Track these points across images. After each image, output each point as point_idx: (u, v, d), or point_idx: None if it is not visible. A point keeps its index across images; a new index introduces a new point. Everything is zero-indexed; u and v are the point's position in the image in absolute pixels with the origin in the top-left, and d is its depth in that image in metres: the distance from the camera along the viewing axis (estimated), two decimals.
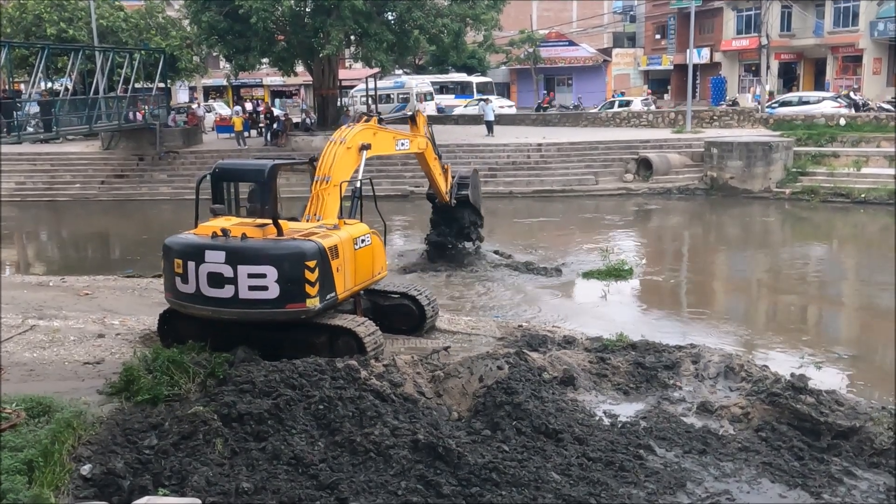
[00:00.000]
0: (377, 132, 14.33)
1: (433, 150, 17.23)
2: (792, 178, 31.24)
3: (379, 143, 14.36)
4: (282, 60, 38.31)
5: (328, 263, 10.95)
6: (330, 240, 11.22)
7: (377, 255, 12.36)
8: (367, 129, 13.96)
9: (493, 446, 8.67)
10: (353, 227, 12.07)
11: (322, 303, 10.97)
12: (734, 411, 10.07)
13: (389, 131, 15.16)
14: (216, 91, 68.61)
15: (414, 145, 16.30)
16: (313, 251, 10.79)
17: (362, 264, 11.91)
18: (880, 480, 8.62)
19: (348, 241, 11.57)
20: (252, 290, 10.67)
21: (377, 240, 12.37)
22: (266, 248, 10.88)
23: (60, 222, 32.13)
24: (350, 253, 11.52)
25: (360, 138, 13.49)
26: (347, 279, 11.50)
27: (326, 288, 11.00)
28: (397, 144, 15.42)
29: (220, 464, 8.13)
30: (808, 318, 17.59)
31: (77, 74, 35.42)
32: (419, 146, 16.56)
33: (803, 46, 50.26)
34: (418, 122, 16.83)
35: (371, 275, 12.29)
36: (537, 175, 33.63)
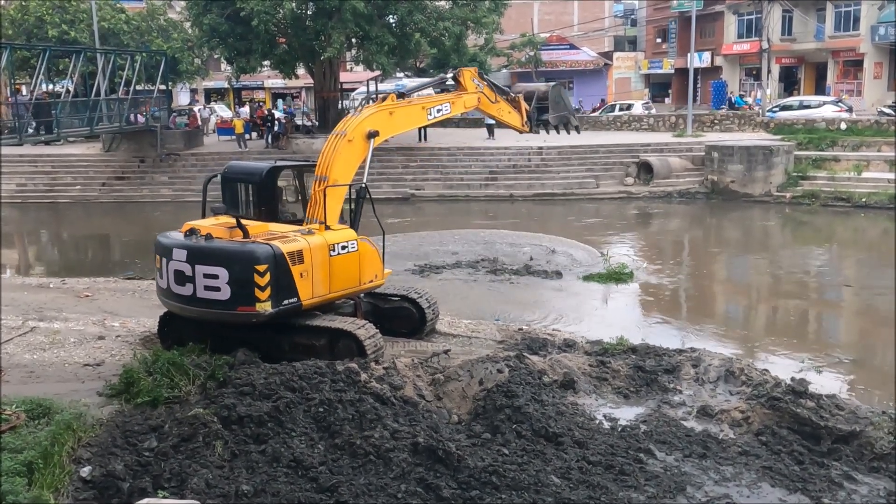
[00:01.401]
0: (395, 110, 12.88)
1: (493, 94, 14.98)
2: (793, 182, 31.27)
3: (400, 121, 13.16)
4: (283, 63, 38.40)
5: (286, 269, 10.76)
6: (292, 245, 10.95)
7: (367, 263, 11.90)
8: (378, 111, 12.65)
9: (493, 449, 8.66)
10: (334, 232, 11.57)
11: (276, 308, 10.79)
12: (734, 415, 10.06)
13: (415, 102, 13.57)
14: (217, 93, 68.68)
15: (458, 106, 14.56)
16: (265, 255, 10.62)
17: (342, 271, 11.50)
18: (881, 485, 8.61)
19: (320, 248, 11.20)
20: (207, 290, 10.75)
21: (368, 247, 11.91)
22: (221, 249, 10.89)
23: (61, 224, 32.14)
24: (322, 259, 11.19)
25: (366, 125, 12.29)
26: (318, 286, 11.20)
27: (283, 293, 10.81)
28: (431, 113, 13.74)
29: (220, 466, 8.12)
30: (809, 322, 17.58)
31: (78, 76, 35.47)
32: (468, 104, 14.79)
33: (804, 51, 50.30)
34: (464, 79, 14.63)
35: (357, 282, 11.83)
36: (538, 178, 33.66)
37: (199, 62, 46.65)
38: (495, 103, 15.00)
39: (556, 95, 16.33)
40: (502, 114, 15.23)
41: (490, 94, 14.76)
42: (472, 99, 14.58)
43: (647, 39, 66.23)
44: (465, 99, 14.50)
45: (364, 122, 12.25)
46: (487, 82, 14.89)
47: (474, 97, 14.55)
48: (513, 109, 15.29)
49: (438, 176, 34.54)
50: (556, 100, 16.30)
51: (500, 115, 15.23)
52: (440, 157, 35.69)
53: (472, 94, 14.48)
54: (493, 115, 15.28)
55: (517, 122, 15.48)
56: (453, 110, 14.34)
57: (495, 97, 14.92)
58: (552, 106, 15.98)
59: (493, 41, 48.57)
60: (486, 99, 14.76)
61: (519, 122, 15.51)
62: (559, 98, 16.45)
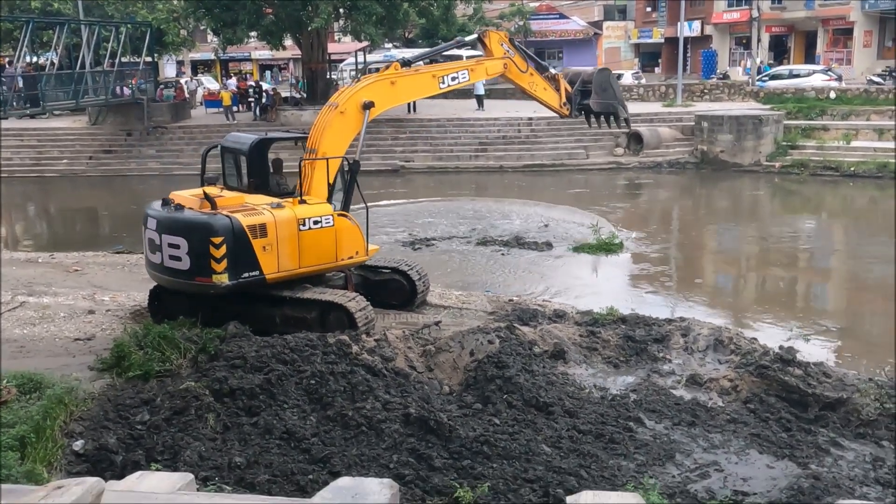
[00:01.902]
0: (397, 79, 12.26)
1: (523, 63, 13.67)
2: (782, 151, 31.29)
3: (404, 91, 12.63)
4: (270, 34, 37.99)
5: (245, 242, 10.76)
6: (254, 218, 10.89)
7: (346, 239, 11.67)
8: (376, 81, 12.09)
9: (484, 419, 8.72)
10: (306, 206, 11.36)
11: (234, 280, 10.83)
12: (723, 384, 10.15)
13: (423, 70, 12.91)
14: (204, 65, 68.01)
15: (479, 73, 13.50)
16: (222, 227, 10.66)
17: (315, 246, 11.34)
18: (866, 451, 8.73)
19: (287, 222, 11.06)
20: (171, 259, 11.01)
21: (346, 223, 11.68)
22: (182, 220, 11.02)
23: (48, 198, 31.92)
24: (290, 233, 11.07)
25: (361, 96, 11.78)
26: (285, 260, 11.13)
27: (243, 266, 10.83)
28: (443, 81, 12.83)
29: (213, 439, 8.16)
30: (797, 291, 17.70)
31: (63, 48, 35.02)
32: (491, 71, 13.54)
33: (794, 19, 50.10)
34: (490, 42, 13.43)
35: (334, 258, 11.63)
36: (528, 149, 33.57)
37: (185, 33, 46.05)
38: (527, 74, 13.60)
39: (603, 80, 14.67)
40: (536, 89, 13.89)
41: (520, 63, 13.42)
42: (497, 65, 13.33)
43: (637, 8, 65.78)
44: (488, 65, 13.35)
45: (359, 92, 11.79)
46: (519, 50, 13.68)
47: (499, 63, 13.30)
48: (549, 86, 13.94)
49: (428, 147, 34.40)
50: (603, 85, 14.59)
51: (534, 90, 13.90)
52: (429, 129, 35.51)
53: (497, 59, 13.30)
54: (525, 88, 13.90)
55: (554, 100, 14.08)
56: (472, 78, 13.37)
57: (527, 67, 13.56)
58: (597, 91, 14.43)
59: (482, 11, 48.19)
60: (515, 67, 13.39)
61: (556, 102, 14.12)
62: (606, 84, 14.70)
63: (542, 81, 13.92)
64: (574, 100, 14.29)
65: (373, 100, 11.76)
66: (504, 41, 13.52)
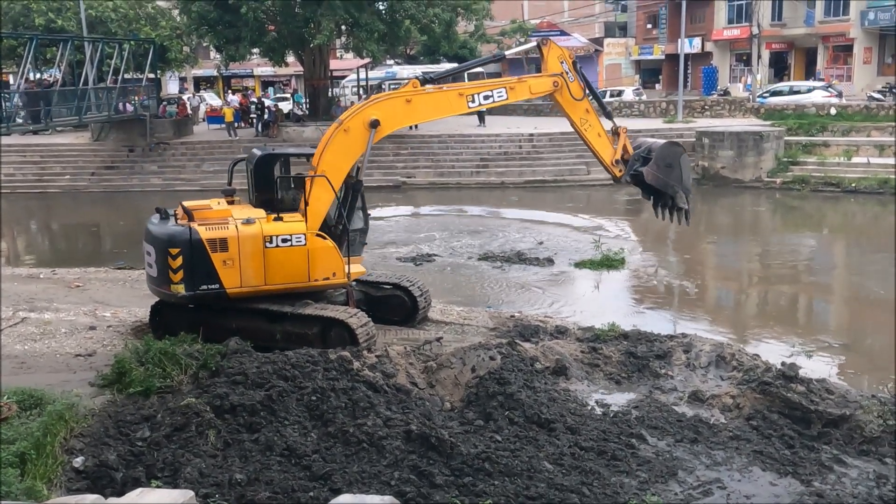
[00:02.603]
0: (414, 97, 11.57)
1: (579, 90, 12.10)
2: (783, 167, 31.33)
3: (422, 110, 11.84)
4: (272, 51, 38.18)
5: (204, 254, 10.92)
6: (215, 232, 10.97)
7: (322, 259, 11.35)
8: (388, 99, 11.69)
9: (486, 436, 8.69)
10: (277, 224, 11.26)
11: (190, 292, 11.05)
12: (725, 400, 10.12)
13: (452, 88, 12.02)
14: (206, 81, 68.31)
15: (521, 91, 12.08)
16: (179, 240, 10.93)
17: (284, 265, 11.17)
18: (870, 468, 8.68)
19: (251, 238, 11.01)
20: (148, 266, 11.56)
21: (322, 243, 11.34)
22: (152, 230, 11.41)
23: (51, 214, 31.98)
24: (253, 249, 11.04)
25: (368, 114, 11.36)
26: (248, 276, 11.10)
27: (201, 279, 11.01)
28: (474, 100, 11.83)
29: (213, 455, 8.13)
30: (799, 306, 17.66)
31: (66, 65, 35.19)
32: (536, 89, 12.11)
33: (794, 36, 50.28)
34: (548, 54, 12.08)
35: (306, 278, 11.34)
36: (529, 165, 33.63)
37: (188, 50, 46.34)
38: (581, 104, 12.10)
39: (670, 155, 12.48)
40: (588, 129, 12.19)
41: (575, 90, 12.02)
42: (544, 83, 12.03)
43: (638, 25, 66.05)
44: (533, 83, 12.06)
45: (367, 110, 11.47)
46: (581, 77, 12.22)
47: (548, 81, 12.00)
48: (605, 134, 12.36)
49: (429, 163, 34.47)
50: (668, 160, 12.42)
51: (585, 130, 12.19)
52: (431, 145, 35.60)
53: (545, 77, 12.04)
54: (575, 123, 12.23)
55: (607, 152, 12.37)
56: (511, 96, 12.07)
57: (582, 96, 12.09)
58: (658, 163, 12.29)
59: (484, 28, 48.39)
60: (568, 91, 11.96)
61: (609, 155, 12.36)
62: (673, 160, 12.46)
63: (598, 124, 12.29)
64: (631, 164, 12.40)
65: (381, 118, 11.33)
66: (566, 59, 12.14)
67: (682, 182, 12.55)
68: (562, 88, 12.05)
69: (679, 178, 12.51)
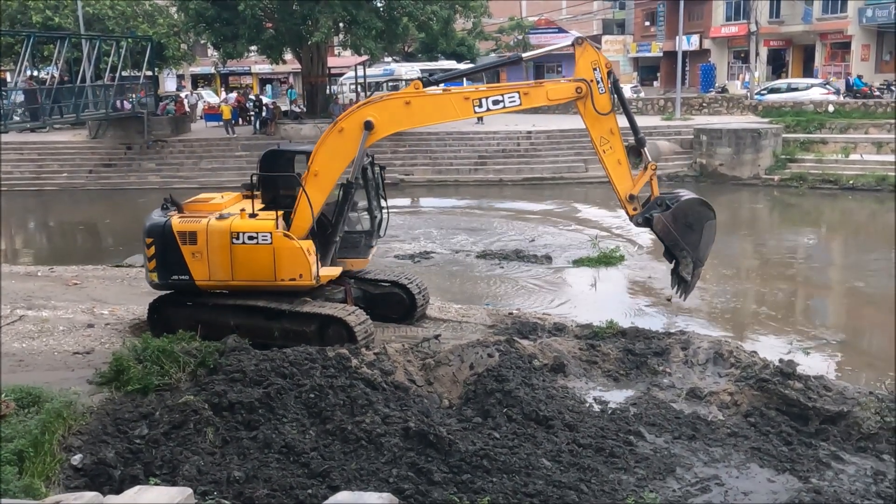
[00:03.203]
0: (414, 99, 11.03)
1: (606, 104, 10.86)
2: (781, 164, 31.35)
3: (423, 113, 11.24)
4: (270, 48, 38.11)
5: (174, 246, 11.25)
6: (186, 224, 11.25)
7: (286, 260, 11.16)
8: (385, 100, 11.21)
9: (484, 433, 8.70)
10: (245, 220, 11.24)
11: (163, 280, 11.55)
12: (723, 397, 10.13)
13: (458, 91, 11.26)
14: (204, 79, 68.22)
15: (536, 97, 10.96)
16: (152, 230, 11.41)
17: (249, 262, 11.17)
18: (867, 464, 8.70)
19: (219, 232, 11.09)
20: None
21: (288, 244, 11.13)
22: (145, 221, 11.85)
23: (48, 212, 31.93)
24: (221, 244, 11.13)
25: (363, 115, 11.04)
26: (216, 270, 11.23)
27: (172, 269, 11.37)
28: (481, 104, 10.91)
29: (212, 453, 8.14)
30: (797, 303, 17.68)
31: (63, 63, 35.11)
32: (554, 95, 11.01)
33: (792, 33, 50.30)
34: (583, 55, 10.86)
35: (272, 278, 11.23)
36: (527, 163, 33.62)
37: (186, 48, 46.23)
38: (606, 119, 10.80)
39: (696, 217, 10.91)
40: (608, 152, 10.92)
41: (602, 103, 10.76)
42: (564, 89, 10.91)
43: (636, 22, 66.06)
44: (551, 88, 10.99)
45: (363, 110, 11.18)
46: (615, 91, 10.98)
47: (570, 87, 10.83)
48: (625, 161, 11.02)
49: (427, 161, 34.46)
50: (689, 219, 10.88)
51: (605, 152, 10.94)
52: (429, 143, 35.58)
53: (567, 82, 10.93)
54: (595, 142, 11.03)
55: (624, 184, 11.06)
56: (525, 102, 10.92)
57: (610, 110, 10.82)
58: (677, 216, 10.87)
59: (481, 25, 48.35)
60: (592, 103, 10.71)
61: (626, 188, 11.08)
62: (697, 224, 10.89)
63: (621, 150, 10.96)
64: (650, 206, 11.07)
65: (376, 120, 10.97)
66: (600, 66, 10.80)
67: (697, 250, 10.94)
68: (586, 97, 10.80)
69: (695, 244, 10.90)
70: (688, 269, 11.00)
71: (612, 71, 11.02)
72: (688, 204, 10.91)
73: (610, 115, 10.88)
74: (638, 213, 11.17)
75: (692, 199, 11.07)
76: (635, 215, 11.19)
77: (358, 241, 12.30)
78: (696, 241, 10.87)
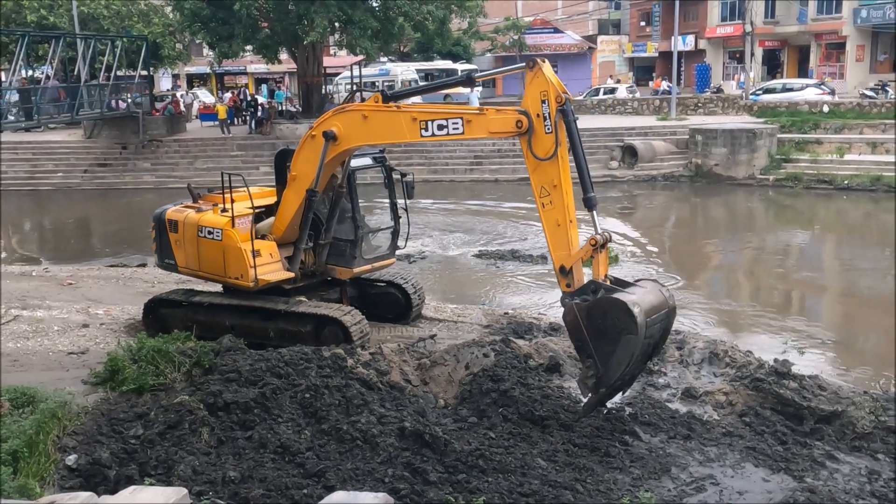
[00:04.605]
0: (371, 114, 10.33)
1: (549, 145, 8.98)
2: (776, 164, 31.42)
3: (377, 130, 10.38)
4: (266, 48, 38.09)
5: (165, 232, 12.25)
6: (173, 213, 12.22)
7: (231, 259, 11.35)
8: (348, 112, 10.63)
9: (480, 433, 8.70)
10: (211, 216, 11.75)
11: (160, 262, 12.77)
12: (718, 397, 10.14)
13: (407, 109, 10.10)
14: (199, 79, 68.10)
15: (477, 128, 9.55)
16: (155, 217, 12.47)
17: (208, 255, 11.66)
18: (862, 464, 8.72)
19: (191, 224, 11.87)
20: None
21: (232, 244, 11.28)
22: None
23: (43, 211, 31.86)
24: (191, 235, 11.87)
25: (329, 123, 10.71)
26: (189, 259, 12.03)
27: (164, 253, 12.43)
28: (427, 128, 9.83)
29: (207, 453, 8.13)
30: (792, 303, 17.72)
31: (58, 62, 35.02)
32: (495, 127, 9.45)
33: (787, 33, 50.42)
34: (533, 80, 8.95)
35: (223, 273, 11.55)
36: (522, 162, 33.46)
37: (181, 47, 46.17)
38: (548, 165, 9.00)
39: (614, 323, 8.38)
40: (547, 210, 9.06)
41: (542, 144, 8.92)
42: (504, 122, 9.26)
43: (631, 23, 66.18)
44: (493, 119, 9.37)
45: (329, 120, 10.81)
46: (568, 124, 8.93)
47: (510, 120, 9.13)
48: (566, 224, 8.95)
49: (423, 161, 34.44)
50: (607, 328, 8.45)
51: (542, 206, 9.14)
52: (424, 142, 35.54)
53: (508, 114, 9.27)
54: (534, 189, 9.31)
55: (559, 252, 8.99)
56: (468, 131, 9.64)
57: (551, 154, 8.92)
58: (592, 316, 8.58)
59: (477, 25, 48.33)
60: (529, 143, 9.00)
61: (560, 257, 8.97)
62: (614, 333, 8.40)
63: (562, 209, 8.96)
64: (581, 289, 8.86)
65: (339, 131, 10.57)
66: (550, 98, 8.83)
67: (607, 365, 8.50)
68: (525, 133, 9.00)
69: (605, 357, 8.49)
70: (589, 381, 8.73)
71: (568, 105, 8.93)
72: (609, 304, 8.47)
73: (552, 162, 8.93)
74: (568, 293, 8.87)
75: (618, 301, 8.41)
76: (563, 295, 9.00)
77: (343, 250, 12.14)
78: (608, 353, 8.45)
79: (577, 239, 8.59)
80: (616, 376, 8.66)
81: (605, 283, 8.83)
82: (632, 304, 8.34)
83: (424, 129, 9.89)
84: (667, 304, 8.90)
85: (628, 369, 8.69)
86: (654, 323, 8.58)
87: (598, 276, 8.86)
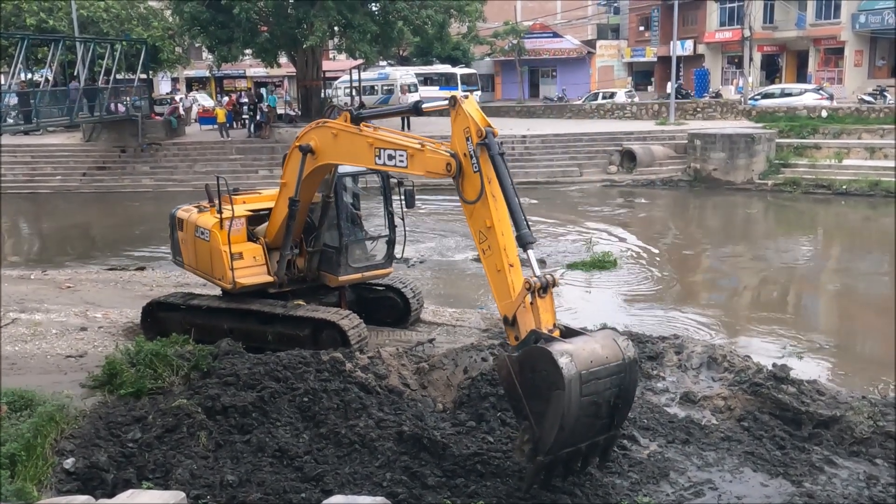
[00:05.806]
0: (340, 132, 9.97)
1: (472, 189, 8.19)
2: (774, 169, 31.47)
3: (343, 150, 10.06)
4: (265, 51, 38.13)
5: (175, 230, 12.88)
6: (182, 212, 12.72)
7: (216, 260, 11.62)
8: (322, 127, 10.40)
9: (478, 437, 8.69)
10: (206, 216, 12.00)
11: (173, 258, 13.43)
12: (717, 401, 10.13)
13: (365, 134, 9.61)
14: (199, 82, 68.15)
15: (417, 164, 8.88)
16: (171, 216, 13.06)
17: (201, 254, 12.12)
18: (860, 468, 8.71)
19: (190, 223, 12.32)
20: None
21: (217, 246, 11.50)
22: None
23: (42, 215, 31.84)
24: (190, 234, 12.31)
25: (308, 138, 10.57)
26: (190, 256, 12.51)
27: (176, 250, 13.08)
28: (378, 156, 9.41)
29: (205, 457, 8.11)
30: (790, 308, 17.72)
31: (57, 65, 35.04)
32: (430, 166, 8.65)
33: (786, 38, 50.51)
34: (457, 116, 8.33)
35: (210, 271, 11.91)
36: (521, 167, 33.63)
37: (180, 51, 46.21)
38: (476, 208, 8.12)
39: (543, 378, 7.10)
40: (487, 255, 8.24)
41: (469, 186, 8.18)
42: (437, 163, 8.50)
43: (630, 28, 66.24)
44: (429, 159, 8.66)
45: (308, 133, 10.68)
46: (493, 156, 8.14)
47: (440, 161, 8.42)
48: (507, 269, 8.03)
49: None
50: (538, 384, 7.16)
51: (483, 253, 8.33)
52: None
53: (440, 155, 8.50)
54: (472, 233, 8.40)
55: (502, 299, 8.07)
56: (410, 166, 9.02)
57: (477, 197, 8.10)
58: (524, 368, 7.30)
59: (476, 29, 48.39)
60: (460, 185, 8.27)
61: (503, 307, 8.02)
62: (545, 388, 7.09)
63: (500, 254, 8.08)
64: (526, 339, 7.57)
65: (315, 146, 10.44)
66: (472, 134, 8.16)
67: (542, 426, 7.15)
68: (467, 179, 8.19)
69: (539, 416, 7.16)
70: (525, 446, 7.38)
71: (491, 138, 8.14)
72: (538, 354, 7.20)
73: (483, 202, 8.08)
74: (516, 346, 7.78)
75: (544, 350, 7.13)
76: (510, 347, 8.11)
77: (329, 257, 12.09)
78: (541, 412, 7.16)
79: (521, 284, 7.72)
80: (552, 441, 7.09)
81: (551, 332, 7.47)
82: (558, 355, 6.93)
83: (378, 156, 9.43)
84: (620, 357, 7.33)
85: (567, 435, 7.11)
86: (597, 378, 7.11)
87: (540, 325, 7.52)
